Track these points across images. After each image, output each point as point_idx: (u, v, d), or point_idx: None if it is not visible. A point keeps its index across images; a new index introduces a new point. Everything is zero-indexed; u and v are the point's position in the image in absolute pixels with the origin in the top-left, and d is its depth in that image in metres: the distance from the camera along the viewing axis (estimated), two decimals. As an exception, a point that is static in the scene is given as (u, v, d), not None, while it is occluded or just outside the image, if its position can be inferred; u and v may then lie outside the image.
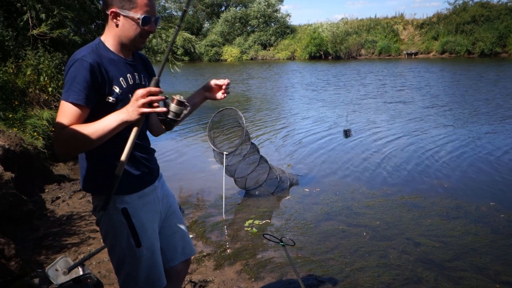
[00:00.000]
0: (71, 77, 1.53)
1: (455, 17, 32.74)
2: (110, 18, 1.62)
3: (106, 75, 1.58)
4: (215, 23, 42.66)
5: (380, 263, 3.30)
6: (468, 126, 8.39)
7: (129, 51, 1.71)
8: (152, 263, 1.76)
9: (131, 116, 1.46)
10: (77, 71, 1.53)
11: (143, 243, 1.71)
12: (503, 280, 3.03)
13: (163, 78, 19.23)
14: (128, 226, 1.68)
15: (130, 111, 1.46)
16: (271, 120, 9.96)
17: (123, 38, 1.64)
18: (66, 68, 1.57)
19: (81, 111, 1.52)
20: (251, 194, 5.07)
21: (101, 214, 1.69)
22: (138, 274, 1.73)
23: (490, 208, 4.33)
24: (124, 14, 1.59)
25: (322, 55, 35.79)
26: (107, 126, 1.47)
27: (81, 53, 1.58)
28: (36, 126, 5.78)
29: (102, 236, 1.77)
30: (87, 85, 1.52)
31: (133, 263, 1.72)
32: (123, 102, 1.59)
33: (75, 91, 1.51)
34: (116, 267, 1.78)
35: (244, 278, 3.17)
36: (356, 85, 16.40)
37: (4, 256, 2.60)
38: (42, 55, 6.51)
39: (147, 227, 1.74)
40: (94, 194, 1.74)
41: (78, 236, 3.74)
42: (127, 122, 1.47)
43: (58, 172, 5.67)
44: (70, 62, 1.56)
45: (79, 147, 1.53)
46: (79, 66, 1.53)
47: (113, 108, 1.58)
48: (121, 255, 1.73)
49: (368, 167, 5.92)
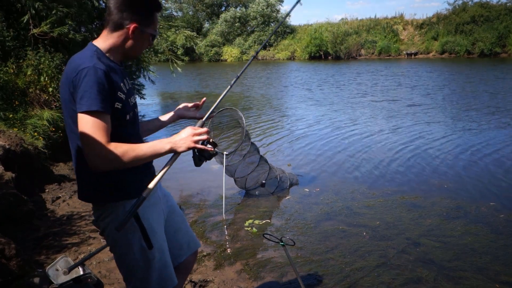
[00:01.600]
0: (89, 85, 1.49)
1: (454, 17, 32.78)
2: (126, 31, 1.63)
3: (114, 82, 1.59)
4: (215, 23, 42.68)
5: (380, 263, 3.30)
6: (468, 126, 8.39)
7: (123, 59, 1.73)
8: (163, 264, 1.76)
9: (181, 147, 1.62)
10: (94, 79, 1.50)
11: (154, 244, 1.71)
12: (503, 280, 3.03)
13: (164, 78, 19.25)
14: (140, 229, 1.67)
15: (181, 143, 1.62)
16: (271, 120, 9.97)
17: (130, 50, 1.68)
18: (78, 77, 1.51)
19: (107, 120, 1.53)
20: (251, 194, 5.07)
21: (107, 222, 1.67)
22: (150, 277, 1.73)
23: (490, 208, 4.33)
24: (144, 31, 1.66)
25: (322, 55, 35.81)
26: (157, 151, 1.60)
27: (88, 61, 1.54)
28: (36, 126, 5.78)
29: (110, 244, 1.73)
30: (106, 93, 1.53)
31: (145, 267, 1.71)
32: (125, 108, 1.64)
33: (98, 99, 1.50)
34: (127, 275, 1.75)
35: (244, 278, 3.17)
36: (356, 85, 16.41)
37: (4, 256, 2.60)
38: (42, 55, 6.50)
39: (156, 228, 1.75)
40: (95, 203, 1.71)
41: (78, 236, 3.75)
42: (175, 152, 1.63)
43: (59, 172, 5.67)
44: (83, 71, 1.51)
45: (125, 165, 1.56)
46: (94, 75, 1.51)
47: (119, 114, 1.60)
48: (133, 261, 1.70)
49: (368, 167, 5.92)
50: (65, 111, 1.61)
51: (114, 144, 1.52)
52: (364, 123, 9.06)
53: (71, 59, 1.63)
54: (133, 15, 1.62)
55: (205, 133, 1.66)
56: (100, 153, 1.49)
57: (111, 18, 1.63)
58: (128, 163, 1.55)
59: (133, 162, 1.56)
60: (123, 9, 1.61)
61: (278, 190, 5.06)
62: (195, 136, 1.64)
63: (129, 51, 1.69)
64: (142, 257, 1.70)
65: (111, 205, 1.66)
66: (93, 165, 1.51)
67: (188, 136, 1.64)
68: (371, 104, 11.68)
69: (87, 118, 1.49)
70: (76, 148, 1.63)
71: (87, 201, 1.72)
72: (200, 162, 1.72)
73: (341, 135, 8.01)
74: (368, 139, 7.58)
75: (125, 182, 1.66)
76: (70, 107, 1.57)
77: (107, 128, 1.52)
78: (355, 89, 15.26)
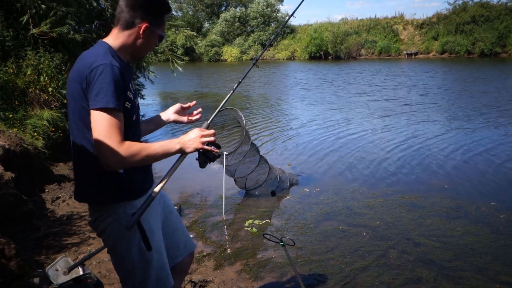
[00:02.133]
0: (106, 82, 1.49)
1: (455, 17, 32.77)
2: (137, 30, 1.64)
3: (126, 81, 1.59)
4: (215, 23, 42.68)
5: (380, 263, 3.30)
6: (468, 126, 8.39)
7: (130, 59, 1.74)
8: (161, 265, 1.76)
9: (189, 148, 1.67)
10: (111, 76, 1.50)
11: (153, 245, 1.70)
12: (503, 280, 3.03)
13: (163, 78, 19.24)
14: (139, 230, 1.67)
15: (189, 144, 1.66)
16: (271, 120, 9.97)
17: (139, 49, 1.69)
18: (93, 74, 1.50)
19: (122, 118, 1.54)
20: (251, 194, 5.07)
21: (108, 223, 1.65)
22: (148, 278, 1.72)
23: (490, 208, 4.33)
24: (154, 31, 1.68)
25: (322, 55, 35.81)
26: (167, 151, 1.63)
27: (103, 58, 1.54)
28: (36, 126, 5.77)
29: (109, 246, 1.72)
30: (121, 91, 1.54)
31: (144, 269, 1.71)
32: (133, 108, 1.64)
33: (114, 97, 1.50)
34: (125, 276, 1.74)
35: (244, 278, 3.17)
36: (356, 84, 16.41)
37: (4, 256, 2.60)
38: (42, 55, 6.50)
39: (155, 229, 1.75)
40: (95, 204, 1.68)
41: (78, 236, 3.74)
42: (184, 152, 1.68)
43: (58, 172, 5.67)
44: (98, 68, 1.50)
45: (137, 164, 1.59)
46: (111, 72, 1.51)
47: (128, 114, 1.60)
48: (132, 263, 1.69)
49: (368, 167, 5.92)
50: (72, 108, 1.60)
51: (128, 143, 1.53)
52: (364, 124, 9.06)
53: (82, 55, 1.62)
54: (145, 15, 1.64)
55: (212, 135, 1.70)
56: (114, 151, 1.49)
57: (123, 16, 1.63)
58: (139, 162, 1.57)
59: (144, 161, 1.58)
60: (136, 9, 1.62)
61: (278, 190, 5.05)
62: (203, 137, 1.68)
63: (137, 51, 1.70)
64: (141, 259, 1.69)
65: (112, 206, 1.65)
66: (105, 163, 1.51)
67: (196, 137, 1.68)
68: (372, 104, 11.68)
69: (102, 116, 1.49)
70: (81, 146, 1.60)
71: (86, 201, 1.69)
72: (205, 164, 1.76)
73: (341, 135, 8.01)
74: (368, 139, 7.58)
75: (128, 182, 1.66)
76: (80, 104, 1.55)
77: (122, 127, 1.53)
78: (355, 89, 15.25)
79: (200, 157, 1.75)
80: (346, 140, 7.59)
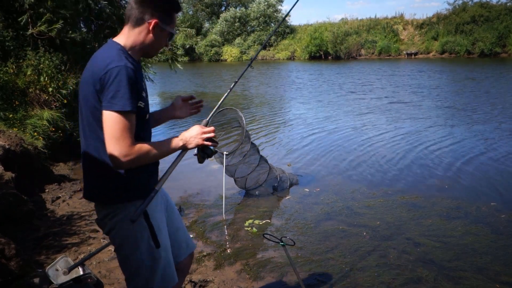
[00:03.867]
0: (123, 85, 1.51)
1: (454, 17, 32.79)
2: (147, 26, 1.64)
3: (139, 81, 1.61)
4: (215, 23, 42.69)
5: (380, 263, 3.30)
6: (468, 126, 8.39)
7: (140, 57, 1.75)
8: (167, 263, 1.77)
9: (191, 144, 1.72)
10: (127, 79, 1.52)
11: (161, 243, 1.72)
12: (503, 280, 3.02)
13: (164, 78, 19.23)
14: (148, 226, 1.69)
15: (191, 140, 1.72)
16: (271, 120, 9.97)
17: (149, 47, 1.70)
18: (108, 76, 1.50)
19: (134, 120, 1.57)
20: (251, 194, 5.07)
21: (115, 221, 1.66)
22: (154, 276, 1.73)
23: (491, 208, 4.33)
24: (164, 28, 1.68)
25: (322, 55, 35.83)
26: (173, 148, 1.70)
27: (117, 60, 1.54)
28: (36, 126, 5.78)
29: (117, 243, 1.72)
30: (135, 93, 1.56)
31: (151, 266, 1.71)
32: (146, 107, 1.68)
33: (131, 100, 1.53)
34: (132, 274, 1.74)
35: (244, 278, 3.17)
36: (356, 84, 16.41)
37: (4, 256, 2.60)
38: (42, 55, 6.51)
39: (161, 226, 1.76)
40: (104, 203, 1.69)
41: (78, 236, 3.74)
42: (185, 148, 1.73)
43: (58, 172, 5.67)
44: (113, 70, 1.51)
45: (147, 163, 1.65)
46: (126, 74, 1.52)
47: (141, 113, 1.63)
48: (140, 261, 1.69)
49: (368, 167, 5.92)
50: (86, 108, 1.61)
51: (139, 145, 1.58)
52: (364, 124, 9.05)
53: (95, 56, 1.63)
54: (154, 11, 1.65)
55: (212, 132, 1.75)
56: (126, 153, 1.53)
57: (133, 13, 1.64)
58: (148, 161, 1.63)
59: (152, 160, 1.65)
60: (145, 5, 1.64)
61: (278, 190, 5.05)
62: (204, 134, 1.73)
63: (148, 49, 1.71)
64: (149, 256, 1.70)
65: (121, 205, 1.66)
66: (116, 163, 1.55)
67: (197, 133, 1.73)
68: (372, 105, 11.68)
69: (117, 118, 1.51)
70: (93, 145, 1.62)
71: (95, 200, 1.72)
72: (203, 159, 1.82)
73: (341, 135, 8.01)
74: (368, 140, 7.57)
75: (137, 181, 1.67)
76: (93, 105, 1.57)
77: (133, 128, 1.57)
78: (356, 89, 15.25)
79: (199, 153, 1.81)
80: (346, 140, 7.59)
